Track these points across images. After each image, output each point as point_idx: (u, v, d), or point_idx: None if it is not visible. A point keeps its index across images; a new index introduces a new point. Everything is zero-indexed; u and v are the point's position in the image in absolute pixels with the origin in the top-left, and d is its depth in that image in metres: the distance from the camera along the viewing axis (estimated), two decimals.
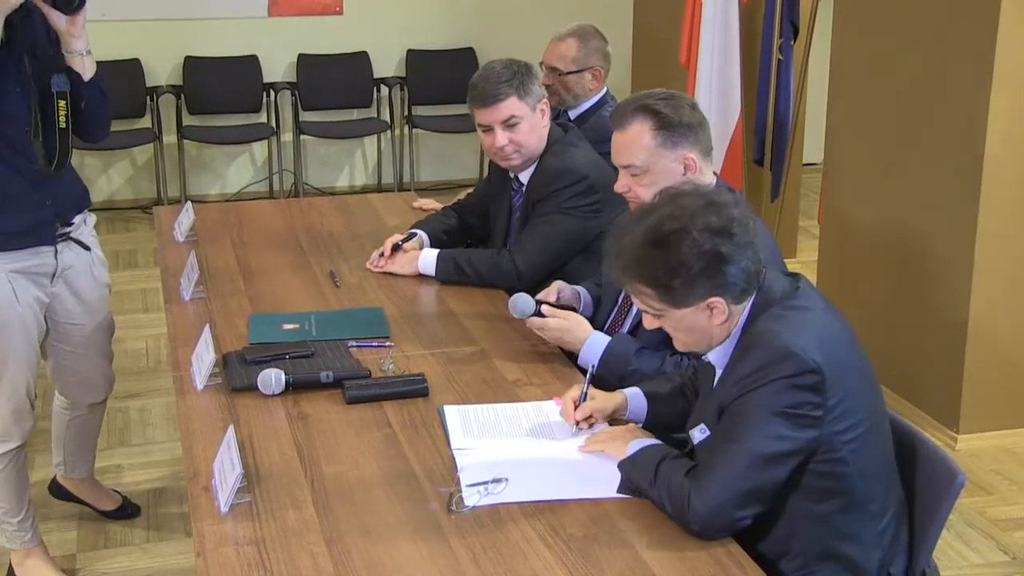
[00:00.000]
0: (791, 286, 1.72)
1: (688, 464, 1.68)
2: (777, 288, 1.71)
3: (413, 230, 2.92)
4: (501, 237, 2.88)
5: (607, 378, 2.11)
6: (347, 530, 1.66)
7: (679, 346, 1.78)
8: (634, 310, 2.28)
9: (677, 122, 2.14)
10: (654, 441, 1.80)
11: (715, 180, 2.20)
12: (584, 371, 2.11)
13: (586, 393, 1.97)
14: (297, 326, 2.42)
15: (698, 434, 1.75)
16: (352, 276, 2.79)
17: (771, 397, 1.59)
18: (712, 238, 1.64)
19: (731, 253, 1.64)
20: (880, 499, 1.70)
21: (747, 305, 1.70)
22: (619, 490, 1.74)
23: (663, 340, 2.14)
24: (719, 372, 1.75)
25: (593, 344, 2.22)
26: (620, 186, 2.22)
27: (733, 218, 1.66)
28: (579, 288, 2.47)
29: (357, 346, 2.32)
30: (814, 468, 1.64)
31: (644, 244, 1.67)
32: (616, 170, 2.24)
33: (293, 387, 2.11)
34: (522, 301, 2.31)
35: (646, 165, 2.16)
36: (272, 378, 2.09)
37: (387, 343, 2.36)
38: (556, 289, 2.42)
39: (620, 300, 2.32)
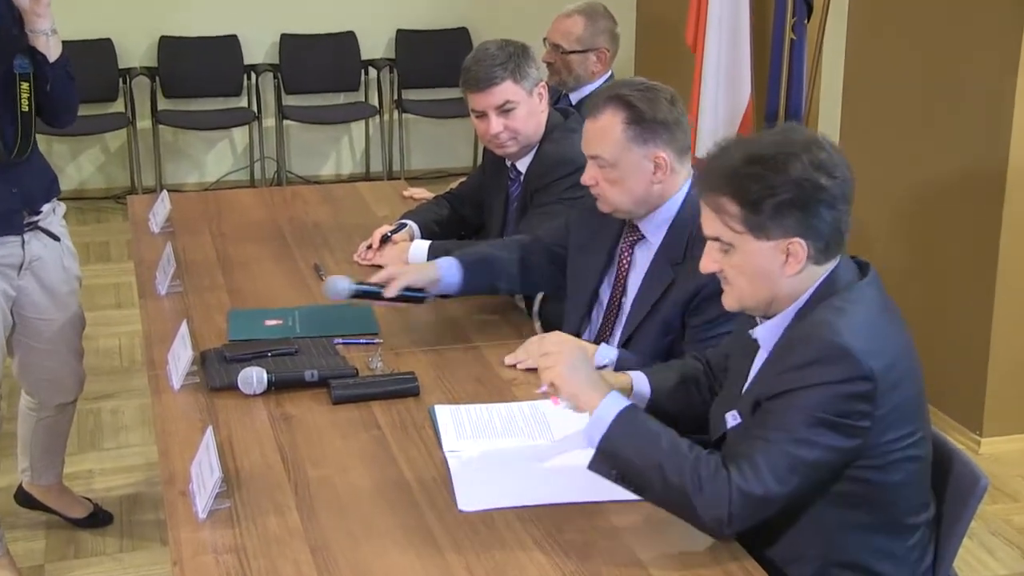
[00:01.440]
0: (857, 277, 1.68)
1: (717, 457, 1.62)
2: (844, 275, 1.67)
3: (403, 220, 2.93)
4: (497, 229, 2.89)
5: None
6: (333, 537, 1.66)
7: (730, 298, 1.70)
8: (623, 317, 2.27)
9: (651, 117, 2.13)
10: (627, 403, 1.67)
11: (689, 182, 2.19)
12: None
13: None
14: (280, 322, 2.42)
15: (731, 419, 1.72)
16: (338, 269, 2.79)
17: (818, 400, 1.56)
18: (819, 171, 1.60)
19: (834, 194, 1.61)
20: (914, 514, 1.69)
21: (816, 279, 1.66)
22: (590, 467, 1.63)
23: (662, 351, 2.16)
24: (762, 354, 1.72)
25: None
26: (587, 177, 2.21)
27: (841, 165, 1.64)
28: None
29: (343, 343, 2.33)
30: (850, 474, 1.62)
31: (745, 160, 1.62)
32: None
33: (276, 386, 2.11)
34: (335, 283, 2.29)
35: (613, 159, 2.16)
36: (253, 377, 2.09)
37: (375, 340, 2.36)
38: (389, 275, 2.33)
39: (607, 301, 2.32)
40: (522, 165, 2.80)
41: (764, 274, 1.66)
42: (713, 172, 1.68)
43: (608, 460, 1.63)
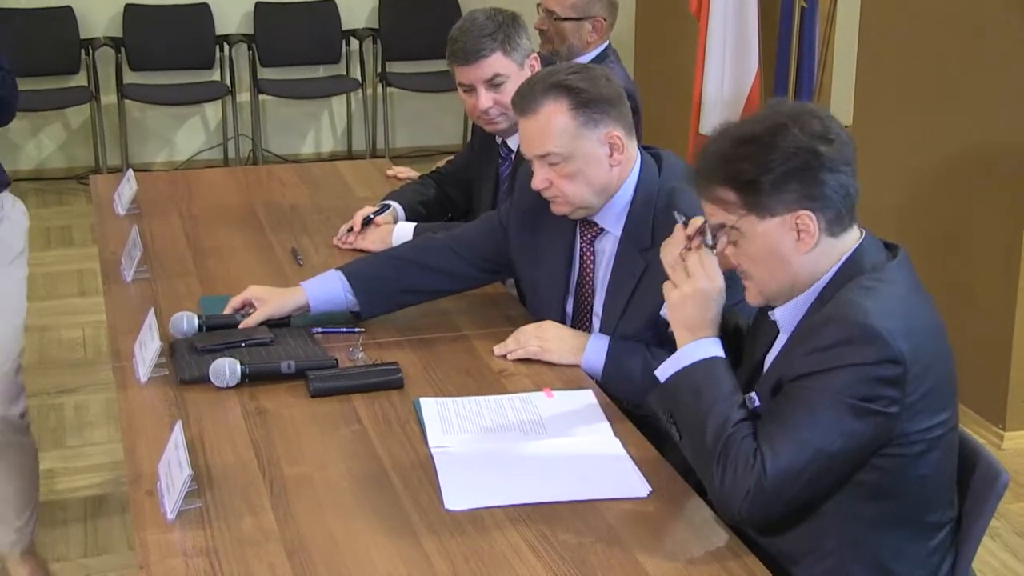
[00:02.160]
0: (886, 258, 1.69)
1: (751, 432, 1.64)
2: (870, 255, 1.68)
3: (386, 202, 2.93)
4: (487, 210, 2.88)
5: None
6: (311, 539, 1.67)
7: (753, 293, 1.73)
8: (595, 320, 2.26)
9: (596, 95, 2.12)
10: (716, 352, 1.73)
11: (640, 159, 2.19)
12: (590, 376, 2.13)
13: None
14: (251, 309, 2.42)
15: (748, 404, 1.73)
16: (317, 254, 2.79)
17: (845, 384, 1.57)
18: (813, 139, 1.62)
19: (832, 158, 1.63)
20: (937, 513, 1.70)
21: (837, 258, 1.67)
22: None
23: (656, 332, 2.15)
24: (782, 336, 1.73)
25: (594, 350, 2.18)
26: (539, 181, 2.15)
27: (834, 129, 1.66)
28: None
29: (323, 332, 2.33)
30: (875, 463, 1.63)
31: (734, 143, 1.66)
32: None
33: (250, 378, 2.11)
34: (178, 321, 2.23)
35: (567, 151, 2.12)
36: (226, 368, 2.09)
37: (356, 329, 2.36)
38: (244, 299, 2.27)
39: (575, 311, 2.30)
40: (513, 142, 2.79)
41: (778, 256, 1.68)
42: (705, 165, 1.70)
43: (668, 398, 1.71)
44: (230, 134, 6.12)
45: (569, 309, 2.32)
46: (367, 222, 2.83)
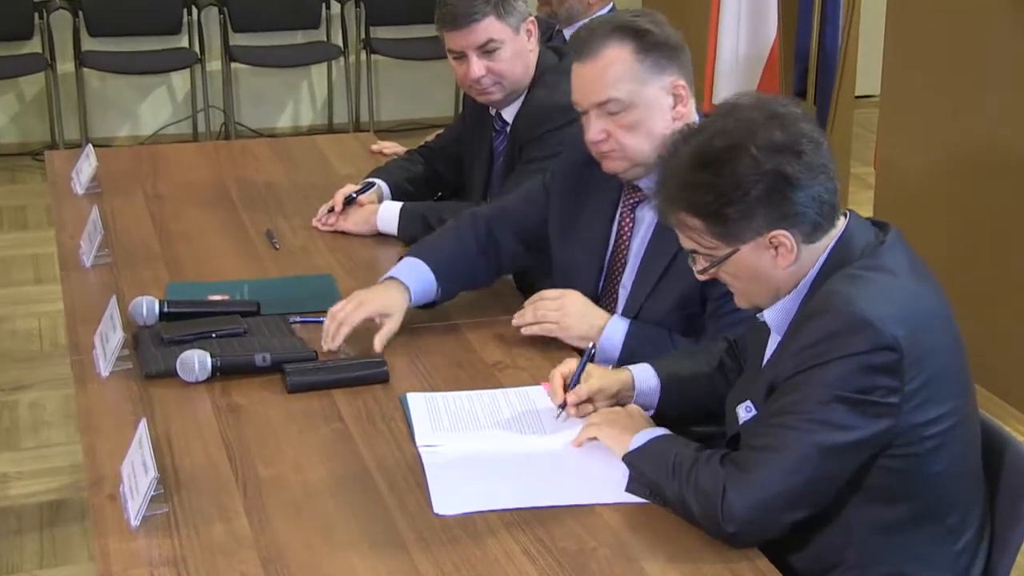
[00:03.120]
0: (876, 239, 1.72)
1: (719, 452, 1.70)
2: (859, 239, 1.71)
3: (370, 179, 2.93)
4: (480, 188, 2.89)
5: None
6: (288, 546, 1.67)
7: (740, 301, 1.78)
8: (622, 291, 2.27)
9: (663, 40, 2.12)
10: (665, 431, 1.82)
11: (698, 118, 2.18)
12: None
13: (580, 374, 1.98)
14: (226, 297, 2.43)
15: (743, 413, 1.76)
16: (295, 237, 2.79)
17: (837, 377, 1.60)
18: (775, 156, 1.64)
19: (799, 175, 1.64)
20: (960, 512, 1.71)
21: (822, 251, 1.70)
22: (627, 489, 1.77)
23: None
24: (775, 337, 1.76)
25: (613, 329, 2.19)
26: (595, 133, 2.14)
27: (802, 134, 1.66)
28: None
29: (301, 322, 2.33)
30: (884, 464, 1.65)
31: (692, 166, 1.68)
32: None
33: (221, 372, 2.12)
34: (139, 306, 2.25)
35: (630, 98, 2.11)
36: (195, 361, 2.09)
37: None
38: (367, 313, 2.20)
39: (607, 266, 2.31)
40: (508, 114, 2.79)
41: (758, 275, 1.72)
42: (665, 182, 1.72)
43: (642, 489, 1.76)
44: (199, 106, 6.11)
45: (600, 287, 2.31)
46: (349, 202, 2.83)
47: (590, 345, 2.04)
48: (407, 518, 1.73)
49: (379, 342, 2.21)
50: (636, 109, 2.12)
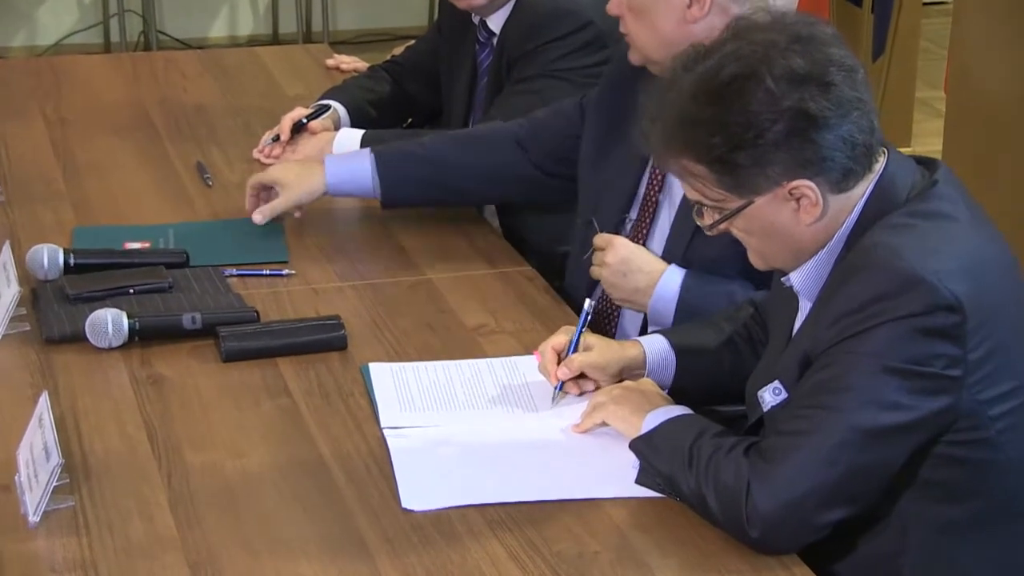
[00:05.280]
0: (925, 180, 1.72)
1: (745, 441, 1.70)
2: (903, 181, 1.71)
3: (324, 101, 2.91)
4: (460, 113, 2.87)
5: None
6: (222, 547, 1.67)
7: (756, 261, 1.78)
8: (660, 220, 2.28)
9: None
10: (683, 410, 1.82)
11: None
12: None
13: (578, 340, 1.98)
14: (147, 245, 2.41)
15: (769, 396, 1.76)
16: (232, 171, 2.78)
17: (884, 345, 1.60)
18: (796, 89, 1.63)
19: (825, 113, 1.63)
20: None
21: (857, 199, 1.70)
22: (637, 481, 1.77)
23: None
24: (805, 304, 1.76)
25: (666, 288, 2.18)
26: (614, 6, 2.23)
27: (831, 61, 1.65)
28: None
29: (239, 275, 2.33)
30: (943, 452, 1.65)
31: (695, 99, 1.67)
32: None
33: (141, 336, 2.11)
34: (39, 256, 2.26)
35: None
36: (108, 322, 2.09)
37: (284, 271, 2.36)
38: (259, 182, 2.45)
39: (643, 190, 2.31)
40: (495, 23, 2.77)
41: (775, 232, 1.72)
42: (662, 117, 1.71)
43: (653, 482, 1.78)
44: (112, 10, 6.06)
45: (629, 225, 2.31)
46: (298, 128, 2.81)
47: (587, 303, 2.04)
48: (368, 515, 1.73)
49: (257, 214, 2.43)
50: None
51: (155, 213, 2.59)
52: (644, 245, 2.26)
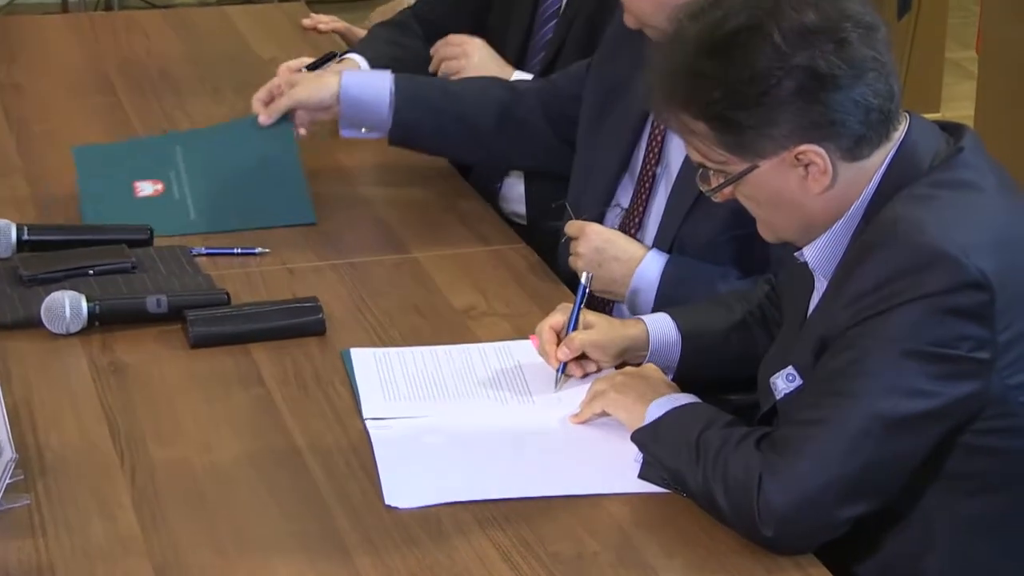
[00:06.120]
0: (949, 147, 1.72)
1: (757, 431, 1.70)
2: (926, 149, 1.71)
3: (344, 53, 2.84)
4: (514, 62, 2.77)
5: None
6: (189, 549, 1.67)
7: (765, 232, 1.79)
8: (657, 196, 2.28)
9: None
10: (689, 398, 1.82)
11: None
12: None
13: (577, 316, 1.98)
14: (159, 188, 2.42)
15: (782, 383, 1.77)
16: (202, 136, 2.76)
17: (906, 326, 1.60)
18: (806, 45, 1.63)
19: (837, 72, 1.64)
20: None
21: (876, 168, 1.70)
22: (641, 475, 1.77)
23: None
24: (821, 283, 1.77)
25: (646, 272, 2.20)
26: None
27: (846, 15, 1.65)
28: None
29: (208, 253, 2.34)
30: (972, 442, 1.66)
31: (697, 50, 1.67)
32: None
33: (102, 320, 2.11)
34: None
35: None
36: (66, 306, 2.09)
37: (257, 249, 2.37)
38: (271, 87, 2.53)
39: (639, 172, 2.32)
40: None
41: (784, 200, 1.72)
42: (663, 69, 1.71)
43: (657, 475, 1.78)
44: None
45: (624, 199, 2.32)
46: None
47: (584, 275, 2.04)
48: (349, 513, 1.73)
49: (263, 114, 2.50)
50: None
51: None
52: (640, 224, 2.26)
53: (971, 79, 4.74)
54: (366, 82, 2.51)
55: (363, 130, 2.52)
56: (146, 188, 2.44)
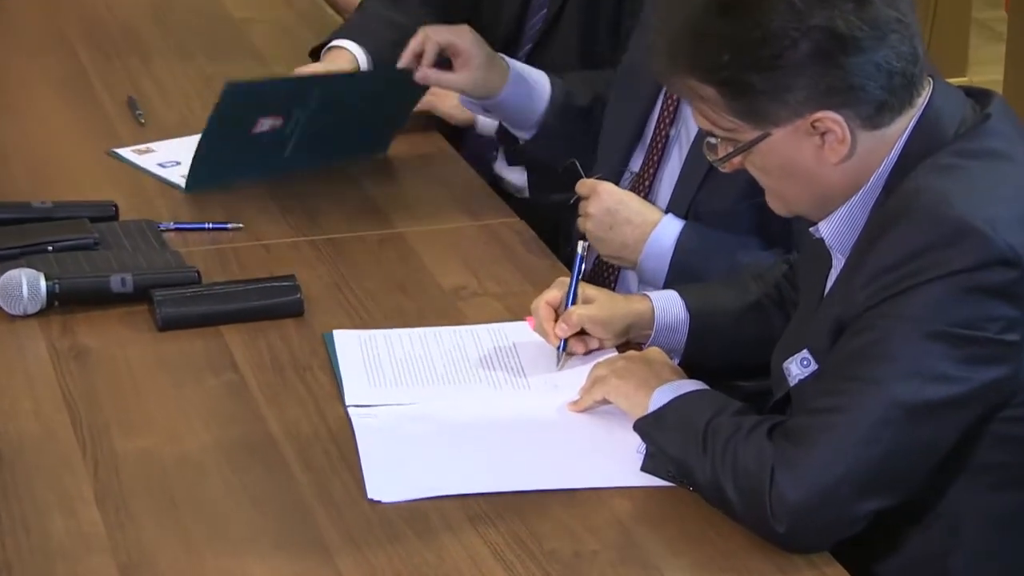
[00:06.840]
0: (976, 114, 1.72)
1: (769, 420, 1.70)
2: (951, 116, 1.71)
3: (338, 43, 2.79)
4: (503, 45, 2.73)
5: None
6: (157, 547, 1.67)
7: (776, 205, 1.79)
8: (671, 158, 2.28)
9: None
10: (697, 385, 1.82)
11: None
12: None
13: (575, 289, 1.98)
14: (277, 124, 2.44)
15: (796, 368, 1.78)
16: (168, 108, 2.80)
17: (930, 306, 1.60)
18: (824, 3, 1.63)
19: (857, 34, 1.63)
20: None
21: (897, 136, 1.70)
22: (644, 468, 1.78)
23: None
24: (839, 260, 1.77)
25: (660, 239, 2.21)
26: None
27: None
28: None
29: (176, 228, 2.34)
30: (1000, 431, 1.67)
31: (706, 9, 1.67)
32: None
33: (61, 301, 2.11)
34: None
35: None
36: (23, 285, 2.09)
37: (229, 224, 2.37)
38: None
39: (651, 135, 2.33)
40: None
41: (798, 171, 1.72)
42: (672, 29, 1.70)
43: (658, 459, 1.79)
44: None
45: (636, 164, 2.33)
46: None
47: (580, 245, 2.04)
48: (329, 507, 1.73)
49: (427, 69, 2.42)
50: None
51: (79, 158, 2.60)
52: (650, 188, 2.26)
53: (1000, 41, 4.74)
54: (530, 79, 2.50)
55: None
56: (265, 124, 2.46)
